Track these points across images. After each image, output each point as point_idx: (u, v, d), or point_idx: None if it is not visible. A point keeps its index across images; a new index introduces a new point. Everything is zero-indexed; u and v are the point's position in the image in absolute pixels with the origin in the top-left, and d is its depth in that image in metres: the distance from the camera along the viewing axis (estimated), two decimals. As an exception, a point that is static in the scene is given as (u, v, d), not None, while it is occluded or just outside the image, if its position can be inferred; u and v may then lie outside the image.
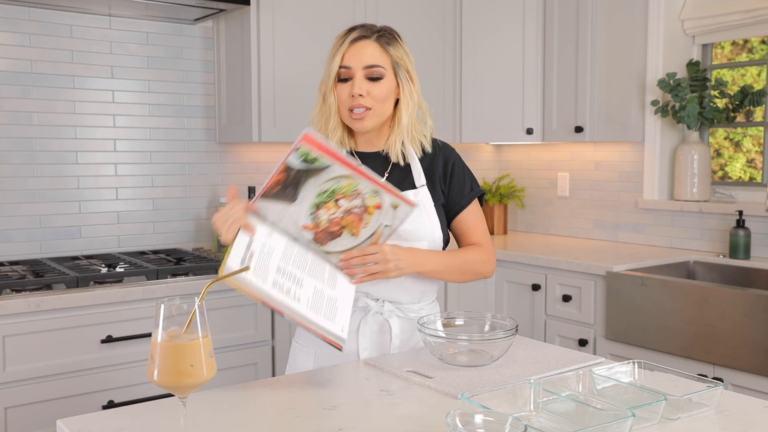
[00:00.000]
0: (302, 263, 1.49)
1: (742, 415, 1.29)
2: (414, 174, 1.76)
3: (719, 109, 3.19)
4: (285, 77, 2.99)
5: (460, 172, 1.81)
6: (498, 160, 4.19)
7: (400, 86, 1.73)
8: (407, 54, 1.75)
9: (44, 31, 2.83)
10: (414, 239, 1.70)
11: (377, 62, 1.69)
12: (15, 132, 2.80)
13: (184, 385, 1.11)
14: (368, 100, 1.69)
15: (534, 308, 3.21)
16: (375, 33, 1.71)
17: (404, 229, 1.66)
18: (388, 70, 1.71)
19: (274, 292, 1.39)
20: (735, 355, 2.47)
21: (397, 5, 3.32)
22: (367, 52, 1.69)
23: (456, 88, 3.56)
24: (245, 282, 1.36)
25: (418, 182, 1.75)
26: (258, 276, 1.39)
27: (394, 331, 1.73)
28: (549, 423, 1.21)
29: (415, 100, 1.76)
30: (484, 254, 1.79)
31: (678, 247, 3.34)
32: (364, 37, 1.70)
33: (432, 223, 1.73)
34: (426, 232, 1.72)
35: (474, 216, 1.81)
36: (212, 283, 1.29)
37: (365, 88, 1.68)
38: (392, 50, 1.71)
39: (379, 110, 1.71)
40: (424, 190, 1.75)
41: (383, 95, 1.70)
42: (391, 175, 1.75)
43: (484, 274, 1.81)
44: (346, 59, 1.69)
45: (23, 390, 2.27)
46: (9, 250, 2.80)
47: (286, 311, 1.40)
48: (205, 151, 3.23)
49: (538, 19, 3.46)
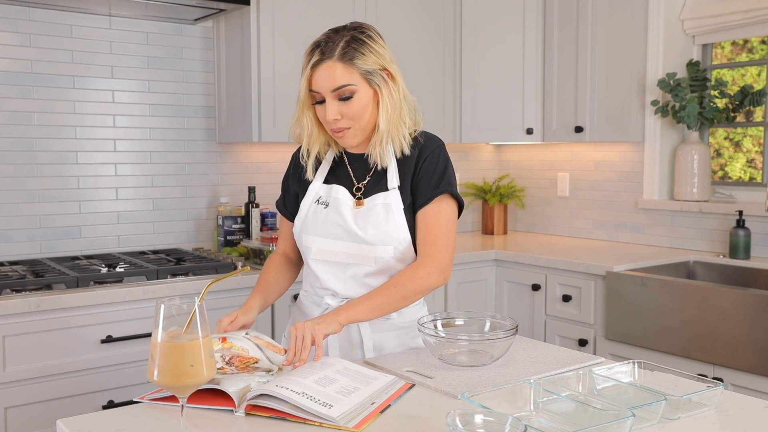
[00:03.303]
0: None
1: (742, 415, 1.29)
2: (389, 175, 1.73)
3: (719, 109, 3.19)
4: (285, 77, 2.99)
5: (430, 168, 1.71)
6: (498, 160, 4.19)
7: (378, 91, 1.66)
8: (380, 53, 1.65)
9: (44, 31, 2.83)
10: (378, 243, 1.68)
11: (344, 82, 1.61)
12: (15, 132, 2.80)
13: (184, 385, 1.11)
14: (344, 121, 1.65)
15: (534, 308, 3.21)
16: (338, 49, 1.61)
17: (367, 233, 1.68)
18: (360, 83, 1.63)
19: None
20: (735, 355, 2.47)
21: (397, 5, 3.32)
22: (333, 75, 1.61)
23: (456, 88, 3.56)
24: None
25: (390, 184, 1.72)
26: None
27: (363, 332, 1.74)
28: (549, 423, 1.21)
29: (396, 99, 1.67)
30: (421, 268, 1.67)
31: (678, 247, 3.34)
32: (326, 58, 1.61)
33: (398, 227, 1.69)
34: (391, 237, 1.68)
35: (431, 217, 1.70)
36: (212, 283, 1.29)
37: (337, 110, 1.64)
38: (359, 62, 1.62)
39: (359, 125, 1.67)
40: (395, 192, 1.71)
41: (358, 112, 1.65)
42: (371, 177, 1.75)
43: (431, 286, 1.69)
44: (313, 84, 1.64)
45: (23, 390, 2.27)
46: (9, 250, 2.80)
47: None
48: (205, 151, 3.23)
49: (538, 19, 3.46)
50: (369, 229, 1.68)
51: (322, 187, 1.77)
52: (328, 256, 1.73)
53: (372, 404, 1.31)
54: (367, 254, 1.69)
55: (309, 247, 1.75)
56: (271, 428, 1.23)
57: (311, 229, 1.74)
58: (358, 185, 1.75)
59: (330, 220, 1.72)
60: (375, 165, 1.74)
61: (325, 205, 1.74)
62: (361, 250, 1.69)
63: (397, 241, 1.69)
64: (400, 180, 1.72)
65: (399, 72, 1.70)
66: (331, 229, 1.72)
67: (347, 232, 1.70)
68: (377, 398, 1.34)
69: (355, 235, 1.69)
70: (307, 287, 1.83)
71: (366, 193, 1.73)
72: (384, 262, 1.70)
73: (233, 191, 3.30)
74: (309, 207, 1.76)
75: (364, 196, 1.73)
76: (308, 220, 1.75)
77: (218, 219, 3.16)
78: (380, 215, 1.69)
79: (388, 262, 1.70)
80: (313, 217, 1.74)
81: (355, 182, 1.75)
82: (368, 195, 1.73)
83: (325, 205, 1.74)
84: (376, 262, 1.70)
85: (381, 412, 1.29)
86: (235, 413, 1.28)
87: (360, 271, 1.71)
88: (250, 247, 2.95)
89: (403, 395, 1.38)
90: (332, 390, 1.31)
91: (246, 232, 3.15)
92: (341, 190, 1.74)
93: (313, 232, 1.74)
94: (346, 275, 1.72)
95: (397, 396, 1.37)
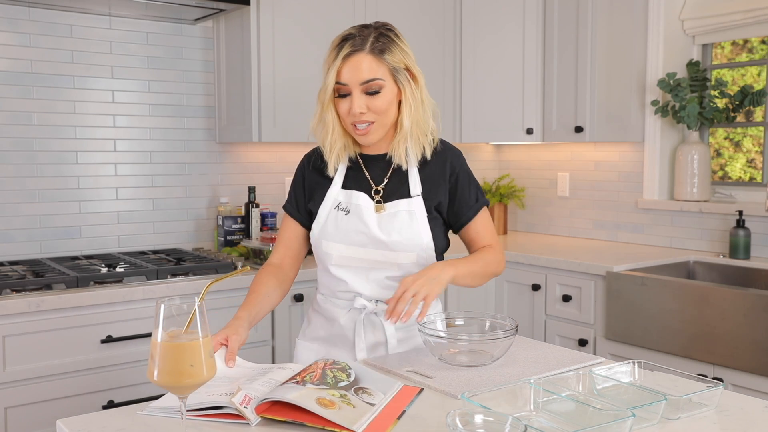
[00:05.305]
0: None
1: (742, 415, 1.29)
2: (411, 182, 1.74)
3: (719, 109, 3.19)
4: (285, 77, 2.99)
5: (465, 183, 1.77)
6: (498, 160, 4.19)
7: (402, 90, 1.67)
8: (405, 52, 1.67)
9: (44, 31, 2.83)
10: (402, 249, 1.70)
11: (374, 75, 1.62)
12: (15, 132, 2.80)
13: (184, 385, 1.11)
14: (369, 114, 1.65)
15: (534, 308, 3.21)
16: (369, 42, 1.63)
17: (391, 240, 1.68)
18: (387, 79, 1.64)
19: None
20: (735, 355, 2.47)
21: (397, 5, 3.32)
22: (363, 67, 1.62)
23: (456, 88, 3.56)
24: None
25: (413, 191, 1.73)
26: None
27: (388, 331, 1.74)
28: (549, 423, 1.21)
29: (418, 99, 1.69)
30: (498, 254, 1.80)
31: (678, 247, 3.34)
32: (358, 50, 1.62)
33: (422, 234, 1.71)
34: (415, 244, 1.70)
35: (481, 224, 1.80)
36: (212, 283, 1.29)
37: (364, 103, 1.64)
38: (388, 57, 1.63)
39: (382, 121, 1.68)
40: (418, 200, 1.73)
41: (384, 107, 1.66)
42: (390, 180, 1.75)
43: (497, 273, 1.82)
44: (341, 76, 1.63)
45: (23, 390, 2.27)
46: (9, 250, 2.80)
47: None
48: (205, 151, 3.23)
49: (538, 19, 3.46)
50: (393, 234, 1.69)
51: (341, 192, 1.75)
52: (350, 262, 1.73)
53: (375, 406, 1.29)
54: (390, 260, 1.71)
55: (330, 253, 1.73)
56: (272, 428, 1.22)
57: (332, 235, 1.73)
58: (376, 188, 1.75)
59: (352, 228, 1.71)
60: (392, 167, 1.75)
61: (346, 212, 1.73)
62: (384, 257, 1.70)
63: (420, 247, 1.71)
64: (422, 188, 1.73)
65: (422, 74, 1.71)
66: (353, 237, 1.71)
67: (371, 239, 1.70)
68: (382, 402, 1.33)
69: (379, 241, 1.69)
70: (325, 291, 1.82)
71: (386, 197, 1.73)
72: (406, 268, 1.72)
73: (233, 191, 3.30)
74: (328, 213, 1.74)
75: (383, 200, 1.73)
76: (328, 227, 1.74)
77: (218, 219, 3.16)
78: (404, 221, 1.70)
79: (410, 269, 1.72)
80: (333, 223, 1.73)
81: (373, 185, 1.75)
82: (388, 199, 1.73)
83: (346, 211, 1.73)
84: (399, 268, 1.72)
85: (398, 418, 1.27)
86: (252, 425, 1.23)
87: (382, 275, 1.73)
88: (250, 247, 2.95)
89: (414, 400, 1.37)
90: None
91: (246, 232, 3.15)
92: (362, 197, 1.73)
93: (334, 239, 1.73)
94: (369, 278, 1.73)
95: (410, 401, 1.35)
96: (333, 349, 1.77)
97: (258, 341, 2.71)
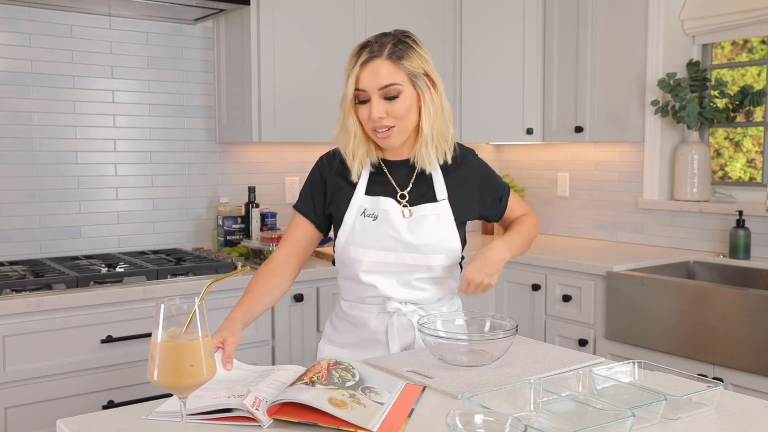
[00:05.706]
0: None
1: (742, 415, 1.29)
2: (436, 187, 1.77)
3: (719, 109, 3.19)
4: (285, 77, 2.99)
5: (490, 179, 1.88)
6: (498, 160, 4.19)
7: (420, 95, 1.70)
8: (424, 58, 1.70)
9: (44, 31, 2.83)
10: (432, 252, 1.73)
11: (392, 81, 1.65)
12: (15, 132, 2.80)
13: (184, 385, 1.11)
14: (389, 119, 1.68)
15: (534, 308, 3.21)
16: (387, 49, 1.66)
17: (422, 242, 1.71)
18: (405, 84, 1.67)
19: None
20: (735, 355, 2.47)
21: (397, 6, 3.31)
22: (381, 73, 1.65)
23: (456, 88, 3.56)
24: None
25: (439, 196, 1.77)
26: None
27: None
28: (549, 423, 1.21)
29: (438, 105, 1.72)
30: (533, 219, 1.96)
31: (678, 247, 3.34)
32: (375, 56, 1.66)
33: (450, 237, 1.75)
34: (443, 246, 1.74)
35: (513, 204, 1.94)
36: (212, 283, 1.29)
37: (383, 109, 1.66)
38: (406, 63, 1.67)
39: (402, 126, 1.70)
40: (444, 203, 1.76)
41: (403, 112, 1.68)
42: (414, 185, 1.77)
43: (536, 235, 1.96)
44: (360, 82, 1.67)
45: (23, 390, 2.27)
46: (9, 250, 2.80)
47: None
48: (205, 151, 3.23)
49: (538, 19, 3.46)
50: (423, 237, 1.72)
51: (366, 198, 1.76)
52: (380, 267, 1.74)
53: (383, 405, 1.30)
54: (420, 263, 1.73)
55: (360, 260, 1.74)
56: (274, 427, 1.22)
57: (361, 242, 1.73)
58: (402, 193, 1.77)
59: (381, 233, 1.72)
60: (416, 171, 1.77)
61: (374, 218, 1.73)
62: (415, 260, 1.73)
63: (449, 249, 1.74)
64: (448, 193, 1.78)
65: (440, 80, 1.74)
66: (383, 242, 1.72)
67: (401, 244, 1.72)
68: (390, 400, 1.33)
69: (410, 245, 1.71)
70: (350, 297, 1.82)
71: (412, 202, 1.76)
72: (436, 270, 1.75)
73: (233, 191, 3.30)
74: (354, 220, 1.75)
75: (410, 204, 1.75)
76: (356, 234, 1.74)
77: (218, 219, 3.16)
78: (433, 224, 1.73)
79: (437, 272, 1.75)
80: (361, 229, 1.73)
81: (399, 190, 1.77)
82: (415, 204, 1.76)
83: (374, 217, 1.73)
84: (429, 270, 1.74)
85: (408, 416, 1.27)
86: (264, 426, 1.23)
87: (411, 277, 1.75)
88: (250, 247, 2.95)
89: (420, 398, 1.38)
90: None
91: (246, 232, 3.15)
92: (389, 202, 1.74)
93: (363, 245, 1.73)
94: (399, 282, 1.75)
95: (416, 399, 1.36)
96: (363, 354, 1.77)
97: (258, 341, 2.71)
